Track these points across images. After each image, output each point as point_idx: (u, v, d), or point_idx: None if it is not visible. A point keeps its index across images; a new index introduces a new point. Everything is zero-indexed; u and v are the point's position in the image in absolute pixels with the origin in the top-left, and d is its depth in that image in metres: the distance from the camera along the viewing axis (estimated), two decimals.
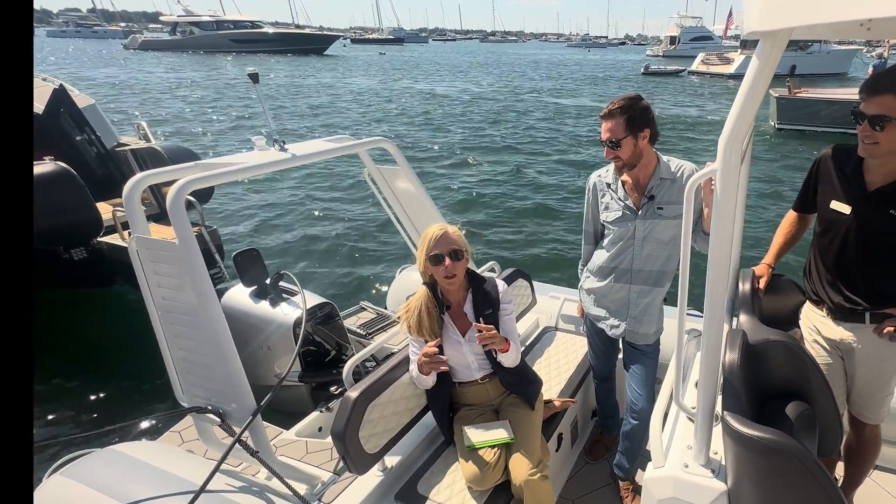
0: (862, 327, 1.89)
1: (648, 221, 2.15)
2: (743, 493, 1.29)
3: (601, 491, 2.61)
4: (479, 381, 2.19)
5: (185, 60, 44.48)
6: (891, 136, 1.59)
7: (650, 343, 2.35)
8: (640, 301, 2.27)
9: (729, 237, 1.17)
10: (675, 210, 2.11)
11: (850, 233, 1.82)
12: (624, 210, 2.20)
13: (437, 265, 1.99)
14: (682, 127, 17.08)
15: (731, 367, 1.40)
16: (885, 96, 1.55)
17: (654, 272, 2.23)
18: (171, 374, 1.97)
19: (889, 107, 1.55)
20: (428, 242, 2.00)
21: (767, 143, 13.97)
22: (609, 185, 2.26)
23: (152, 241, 1.77)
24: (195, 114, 18.45)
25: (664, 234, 2.16)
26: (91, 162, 6.09)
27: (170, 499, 1.74)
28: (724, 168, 1.09)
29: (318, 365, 3.20)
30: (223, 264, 4.78)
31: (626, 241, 2.22)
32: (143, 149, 5.88)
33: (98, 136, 6.14)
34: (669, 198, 2.12)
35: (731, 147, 1.07)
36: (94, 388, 4.19)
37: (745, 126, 1.05)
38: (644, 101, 2.08)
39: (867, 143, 1.65)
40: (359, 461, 1.94)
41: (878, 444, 2.12)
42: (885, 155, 1.67)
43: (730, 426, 1.23)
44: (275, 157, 2.18)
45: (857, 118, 1.66)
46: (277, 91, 25.25)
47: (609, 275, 2.31)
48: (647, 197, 2.14)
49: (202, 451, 2.34)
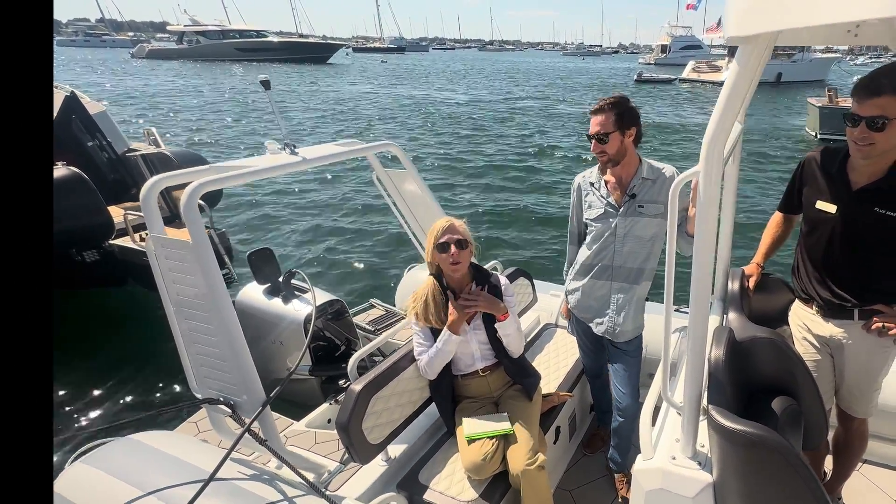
0: (851, 324, 1.90)
1: (629, 219, 2.17)
2: (727, 485, 1.30)
3: (598, 482, 2.63)
4: (480, 374, 2.22)
5: (190, 68, 44.48)
6: (887, 137, 1.57)
7: (630, 340, 2.36)
8: (621, 297, 2.29)
9: (712, 237, 1.18)
10: (656, 209, 2.14)
11: (836, 231, 1.83)
12: (606, 207, 2.22)
13: (443, 252, 2.07)
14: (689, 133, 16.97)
15: (716, 363, 1.42)
16: (883, 98, 1.53)
17: (634, 269, 2.25)
18: (186, 367, 1.99)
19: (886, 108, 1.53)
20: (436, 233, 2.10)
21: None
22: (592, 184, 2.29)
23: (168, 241, 1.80)
24: (203, 119, 18.45)
25: (644, 231, 2.18)
26: (102, 167, 6.10)
27: (184, 486, 1.76)
28: (707, 171, 1.11)
29: (328, 359, 3.23)
30: (231, 265, 4.80)
31: (607, 238, 2.24)
32: (153, 153, 5.89)
33: (109, 142, 6.15)
34: (650, 197, 2.15)
35: (713, 150, 1.08)
36: (113, 382, 4.22)
37: (726, 130, 1.06)
38: (632, 102, 2.12)
39: (862, 144, 1.63)
40: (362, 451, 1.97)
41: (866, 438, 2.13)
42: (878, 155, 1.65)
43: (714, 420, 1.25)
44: (285, 161, 2.20)
45: (850, 121, 1.63)
46: (283, 97, 25.29)
47: (590, 272, 2.32)
48: (628, 195, 2.16)
49: (217, 440, 2.37)
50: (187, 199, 1.74)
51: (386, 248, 7.46)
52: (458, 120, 19.50)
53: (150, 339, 4.28)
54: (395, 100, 25.74)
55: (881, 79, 1.54)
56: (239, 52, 56.35)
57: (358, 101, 24.87)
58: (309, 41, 65.83)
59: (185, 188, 1.76)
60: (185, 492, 1.70)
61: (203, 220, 1.85)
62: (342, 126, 18.17)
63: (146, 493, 1.76)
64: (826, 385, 2.03)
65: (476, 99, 26.78)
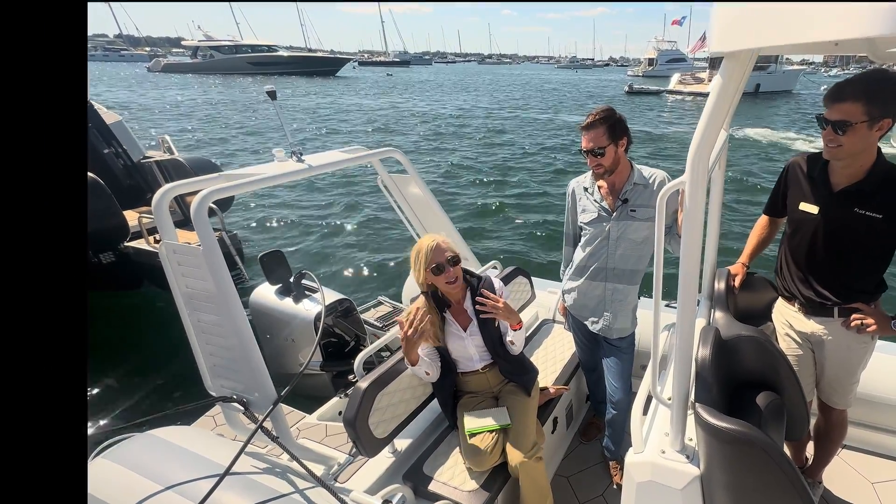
0: (831, 321, 1.91)
1: (622, 223, 2.17)
2: (714, 477, 1.31)
3: (594, 468, 2.64)
4: (479, 371, 2.21)
5: (204, 81, 44.56)
6: (852, 139, 1.62)
7: (625, 337, 2.36)
8: (616, 298, 2.28)
9: (699, 241, 1.19)
10: (648, 213, 2.13)
11: (818, 231, 1.84)
12: (599, 211, 2.22)
13: (439, 275, 2.00)
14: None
15: (703, 362, 1.42)
16: (846, 104, 1.58)
17: (628, 271, 2.24)
18: (200, 366, 1.99)
19: (849, 113, 1.59)
20: (426, 256, 1.99)
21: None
22: (587, 190, 2.29)
23: (179, 247, 1.80)
24: (215, 128, 18.50)
25: (636, 234, 2.18)
26: (118, 173, 6.12)
27: (201, 481, 1.76)
28: (693, 179, 1.11)
29: (339, 355, 3.24)
30: (244, 267, 4.79)
31: (601, 241, 2.23)
32: (167, 160, 5.90)
33: (125, 150, 6.17)
34: (642, 201, 2.14)
35: (699, 160, 1.09)
36: (130, 381, 4.21)
37: (711, 139, 1.06)
38: (619, 113, 2.12)
39: (831, 146, 1.68)
40: (369, 445, 1.96)
41: (845, 427, 2.14)
42: (848, 157, 1.69)
43: (701, 418, 1.26)
44: (293, 168, 2.19)
45: (821, 123, 1.69)
46: (294, 108, 25.32)
47: (586, 273, 2.32)
48: (621, 200, 2.16)
49: (232, 434, 2.36)
50: (197, 206, 1.74)
51: (392, 248, 7.47)
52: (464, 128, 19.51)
53: (164, 338, 4.27)
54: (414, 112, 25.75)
55: (845, 87, 1.59)
56: (251, 66, 56.49)
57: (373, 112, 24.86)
58: (317, 55, 66.05)
59: (196, 195, 1.76)
60: (202, 485, 1.70)
61: (214, 225, 1.84)
62: (353, 136, 18.21)
63: (165, 486, 1.75)
64: (807, 378, 2.04)
65: (497, 109, 26.66)
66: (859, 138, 1.61)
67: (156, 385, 4.16)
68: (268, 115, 21.80)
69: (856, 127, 1.59)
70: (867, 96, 1.54)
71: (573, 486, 2.54)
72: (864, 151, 1.67)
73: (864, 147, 1.65)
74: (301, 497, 1.75)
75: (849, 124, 1.59)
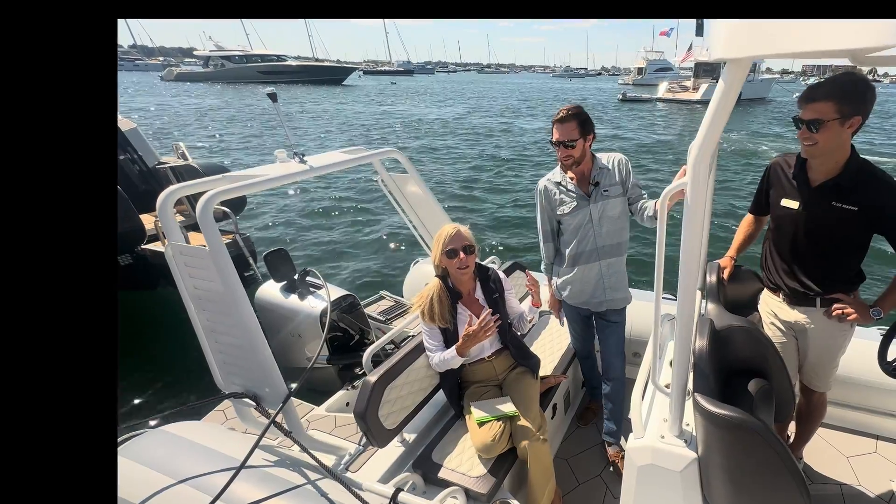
0: (813, 310, 1.94)
1: (599, 203, 2.25)
2: (711, 460, 1.34)
3: (591, 451, 2.67)
4: (486, 359, 2.25)
5: (216, 90, 44.50)
6: (825, 136, 1.66)
7: (619, 309, 2.44)
8: (611, 271, 2.36)
9: (699, 238, 1.20)
10: (618, 190, 2.26)
11: (799, 225, 1.87)
12: (578, 199, 2.27)
13: (452, 259, 2.07)
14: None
15: (700, 352, 1.44)
16: (819, 103, 1.63)
17: (615, 244, 2.33)
18: (211, 364, 1.97)
19: (821, 112, 1.63)
20: (444, 240, 2.09)
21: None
22: (559, 184, 2.31)
23: (186, 248, 1.78)
24: (227, 133, 18.48)
25: (613, 210, 2.27)
26: (134, 178, 6.11)
27: (215, 474, 1.74)
28: (694, 180, 1.11)
29: (344, 348, 3.23)
30: (257, 269, 4.79)
31: (586, 226, 2.29)
32: (181, 166, 5.88)
33: (140, 156, 6.16)
34: (610, 181, 2.25)
35: (700, 162, 1.09)
36: (145, 379, 4.20)
37: (713, 143, 1.06)
38: (586, 111, 2.22)
39: (807, 144, 1.72)
40: (379, 436, 1.97)
41: (825, 407, 2.19)
42: (823, 153, 1.73)
43: (700, 406, 1.27)
44: (295, 169, 2.18)
45: (796, 123, 1.72)
46: (303, 114, 25.28)
47: (579, 260, 2.35)
48: (593, 184, 2.25)
49: (242, 427, 2.33)
50: (202, 207, 1.71)
51: (392, 245, 7.48)
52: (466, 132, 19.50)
53: (178, 338, 4.25)
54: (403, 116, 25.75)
55: (817, 88, 1.64)
56: (261, 75, 56.29)
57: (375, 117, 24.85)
58: (325, 64, 65.69)
59: (201, 197, 1.73)
60: (216, 479, 1.68)
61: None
62: (363, 140, 18.19)
63: (179, 480, 1.73)
64: (791, 364, 2.07)
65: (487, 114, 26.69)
66: (833, 135, 1.64)
67: (167, 383, 4.14)
68: (289, 123, 21.75)
69: (828, 124, 1.63)
70: (838, 96, 1.59)
71: (572, 467, 2.56)
72: (839, 148, 1.70)
73: (839, 144, 1.68)
74: (314, 488, 1.73)
75: (822, 122, 1.63)
